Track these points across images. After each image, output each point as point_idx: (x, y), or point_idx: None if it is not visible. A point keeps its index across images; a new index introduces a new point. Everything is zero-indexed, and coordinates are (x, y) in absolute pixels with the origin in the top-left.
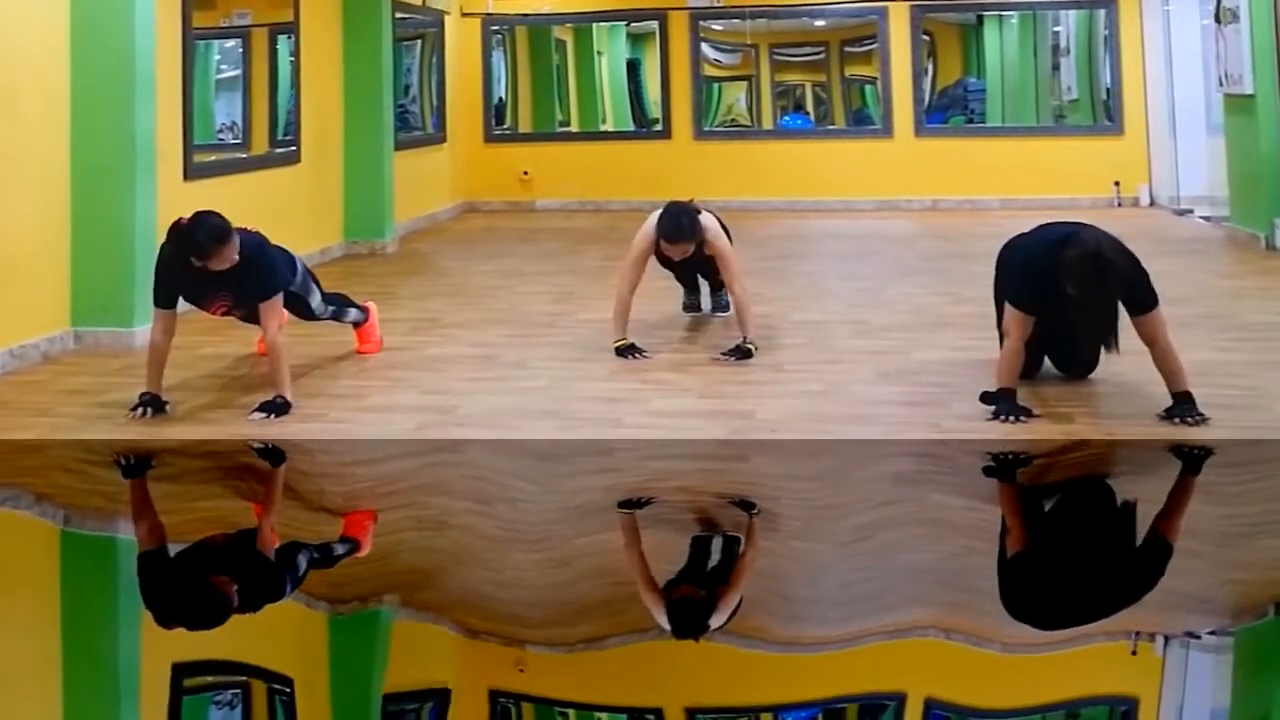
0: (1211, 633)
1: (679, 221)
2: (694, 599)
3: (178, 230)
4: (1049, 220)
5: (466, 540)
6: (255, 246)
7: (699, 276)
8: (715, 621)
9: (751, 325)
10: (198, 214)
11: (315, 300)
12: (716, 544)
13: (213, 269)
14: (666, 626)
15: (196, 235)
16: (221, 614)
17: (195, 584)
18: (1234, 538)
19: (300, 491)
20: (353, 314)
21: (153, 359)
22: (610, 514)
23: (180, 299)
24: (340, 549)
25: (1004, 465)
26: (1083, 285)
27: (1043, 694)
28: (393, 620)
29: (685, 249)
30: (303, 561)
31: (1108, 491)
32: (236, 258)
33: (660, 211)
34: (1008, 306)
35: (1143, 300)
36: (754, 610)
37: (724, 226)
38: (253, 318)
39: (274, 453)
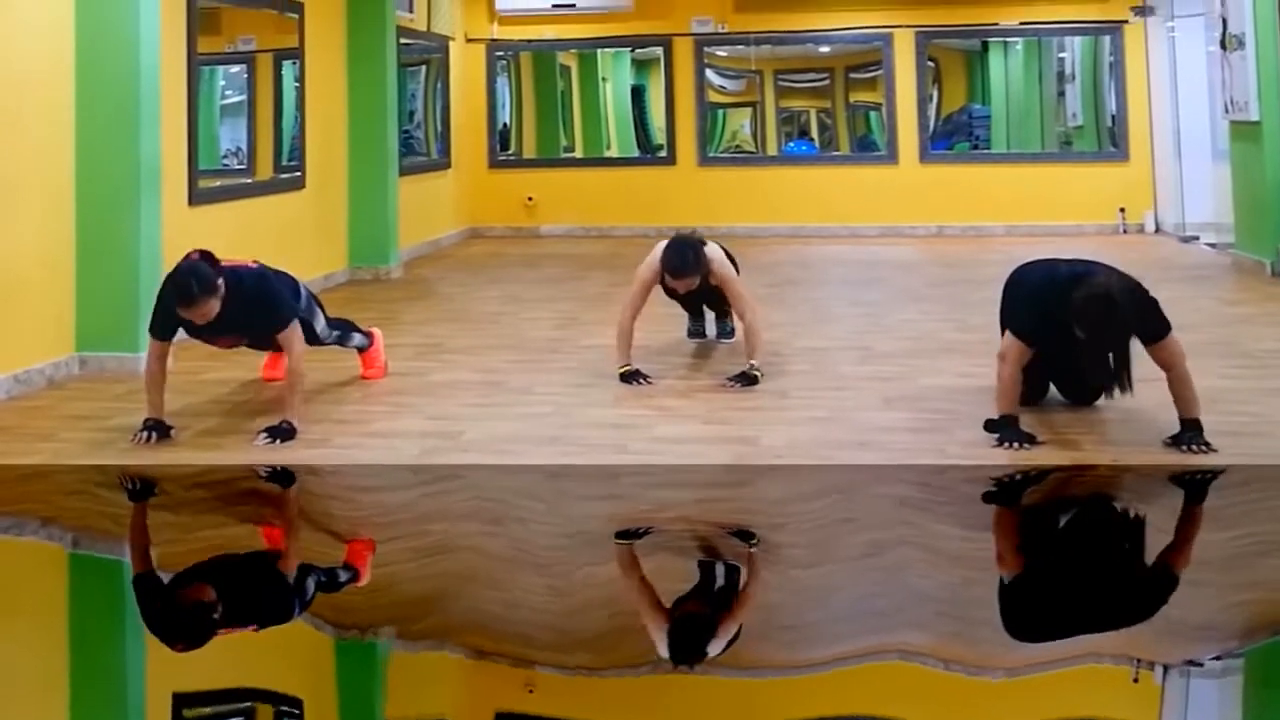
0: (1215, 658)
1: (684, 256)
2: (692, 625)
3: (167, 278)
4: (1055, 252)
5: (472, 565)
6: (256, 282)
7: (705, 306)
8: (714, 649)
9: (761, 351)
10: (187, 263)
11: (320, 325)
12: (719, 571)
13: (194, 321)
14: (665, 655)
15: (181, 285)
16: (211, 633)
17: (195, 607)
18: (1237, 563)
19: (305, 516)
20: (357, 339)
21: (151, 384)
22: (614, 540)
23: (182, 332)
24: (344, 574)
25: (1009, 491)
26: (1092, 328)
27: None
28: (399, 644)
29: (690, 283)
30: (309, 586)
31: (1112, 517)
32: (215, 309)
33: (664, 245)
34: (1009, 334)
35: (1155, 330)
36: (758, 637)
37: (729, 255)
38: (261, 345)
39: (279, 477)
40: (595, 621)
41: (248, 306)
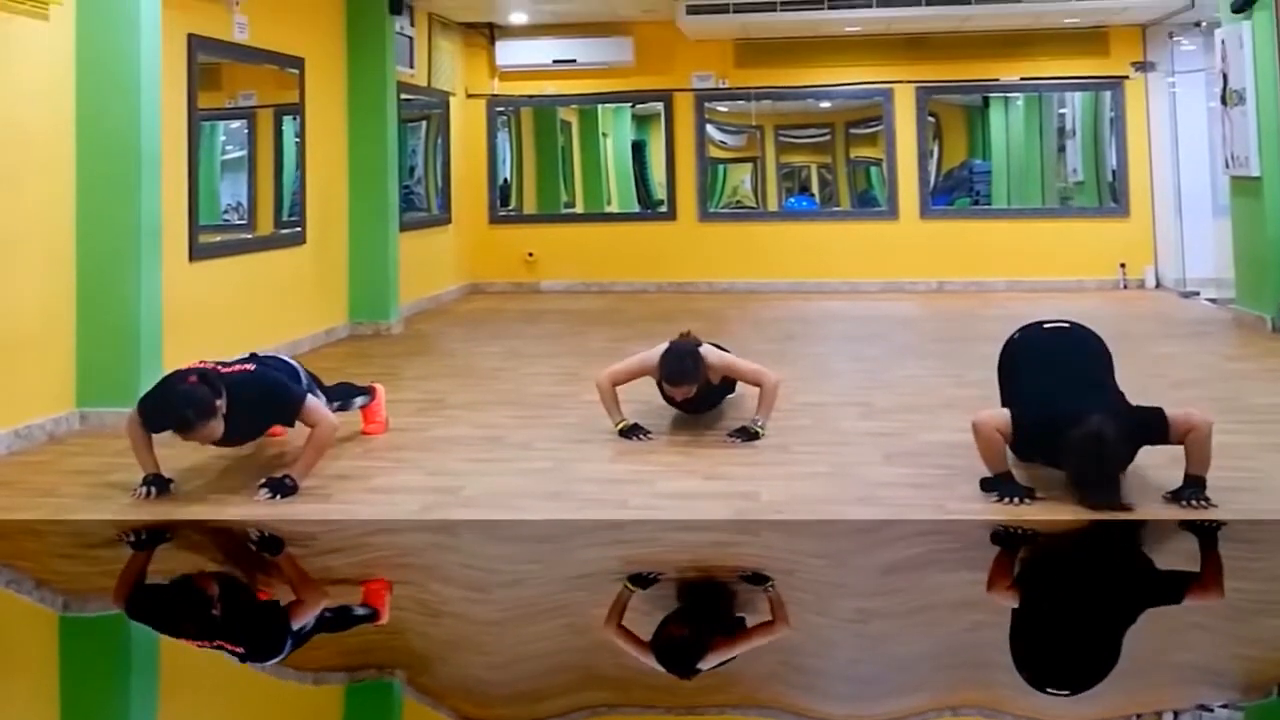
0: (1223, 706)
1: (683, 363)
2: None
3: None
4: (1056, 309)
5: (471, 619)
6: (258, 384)
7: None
8: (705, 663)
9: (771, 411)
10: (184, 389)
11: (321, 401)
12: (717, 616)
13: (198, 443)
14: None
15: (179, 418)
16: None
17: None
18: (1237, 617)
19: (304, 571)
20: (358, 400)
21: (137, 445)
22: (613, 593)
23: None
24: (343, 626)
25: (1009, 545)
26: (1082, 468)
27: None
28: (401, 694)
29: (688, 390)
30: (310, 637)
31: (1112, 570)
32: (219, 430)
33: (663, 353)
34: (995, 410)
35: (1154, 437)
36: (759, 686)
37: (719, 346)
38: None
39: (279, 532)
40: (595, 670)
41: (255, 411)
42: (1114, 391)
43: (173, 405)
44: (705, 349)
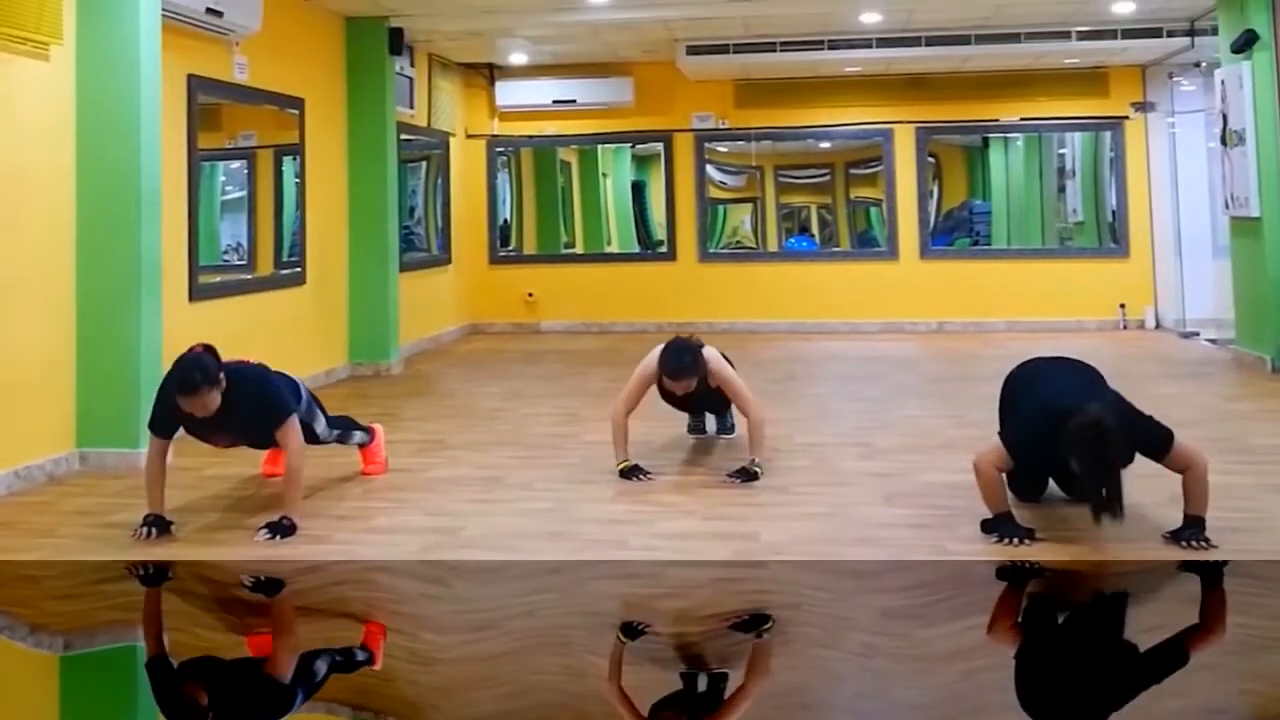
0: None
1: (681, 358)
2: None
3: (170, 371)
4: (1056, 349)
5: (471, 657)
6: (257, 381)
7: (705, 411)
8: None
9: (764, 447)
10: (191, 354)
11: (320, 425)
12: (715, 665)
13: (194, 413)
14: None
15: (184, 374)
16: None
17: (193, 702)
18: (1244, 651)
19: (305, 612)
20: (358, 436)
21: (151, 481)
22: (612, 635)
23: (182, 429)
24: (343, 669)
25: (1010, 587)
26: (1083, 457)
27: None
28: None
29: (688, 385)
30: (311, 681)
31: (1112, 612)
32: (215, 403)
33: (662, 348)
34: (995, 442)
35: (1156, 446)
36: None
37: (727, 360)
38: (260, 444)
39: (279, 574)
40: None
41: (247, 404)
42: (1116, 395)
43: (179, 369)
44: (708, 350)
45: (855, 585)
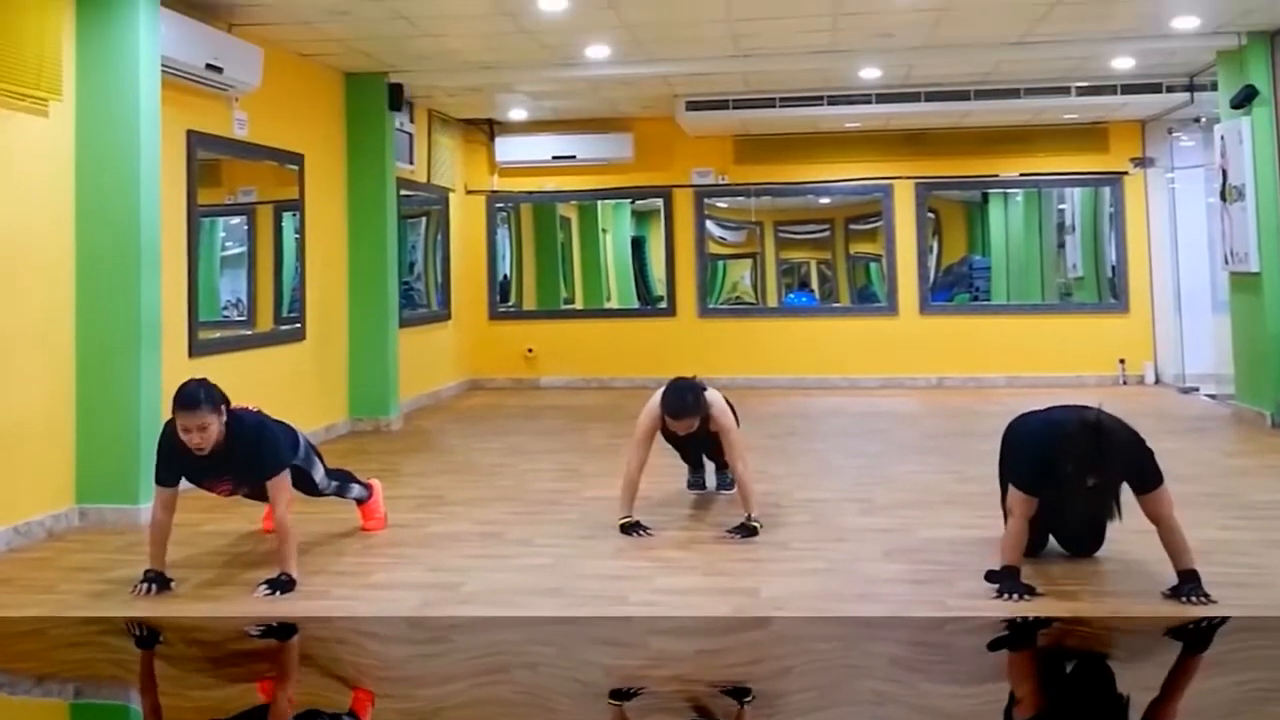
0: None
1: (683, 397)
2: None
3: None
4: (1055, 402)
5: (466, 714)
6: (255, 426)
7: (704, 455)
8: None
9: (755, 503)
10: (192, 380)
11: (319, 475)
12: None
13: (194, 440)
14: None
15: (186, 392)
16: None
17: None
18: (1247, 705)
19: (305, 669)
20: (356, 490)
21: (155, 536)
22: (607, 693)
23: (183, 479)
24: None
25: (1009, 643)
26: (1081, 459)
27: None
28: None
29: (690, 424)
30: None
31: (1112, 668)
32: (212, 432)
33: (665, 387)
34: (1011, 487)
35: (1146, 479)
36: None
37: (730, 405)
38: (258, 495)
39: (279, 630)
40: None
41: (244, 448)
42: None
43: (184, 389)
44: (711, 392)
45: (855, 640)
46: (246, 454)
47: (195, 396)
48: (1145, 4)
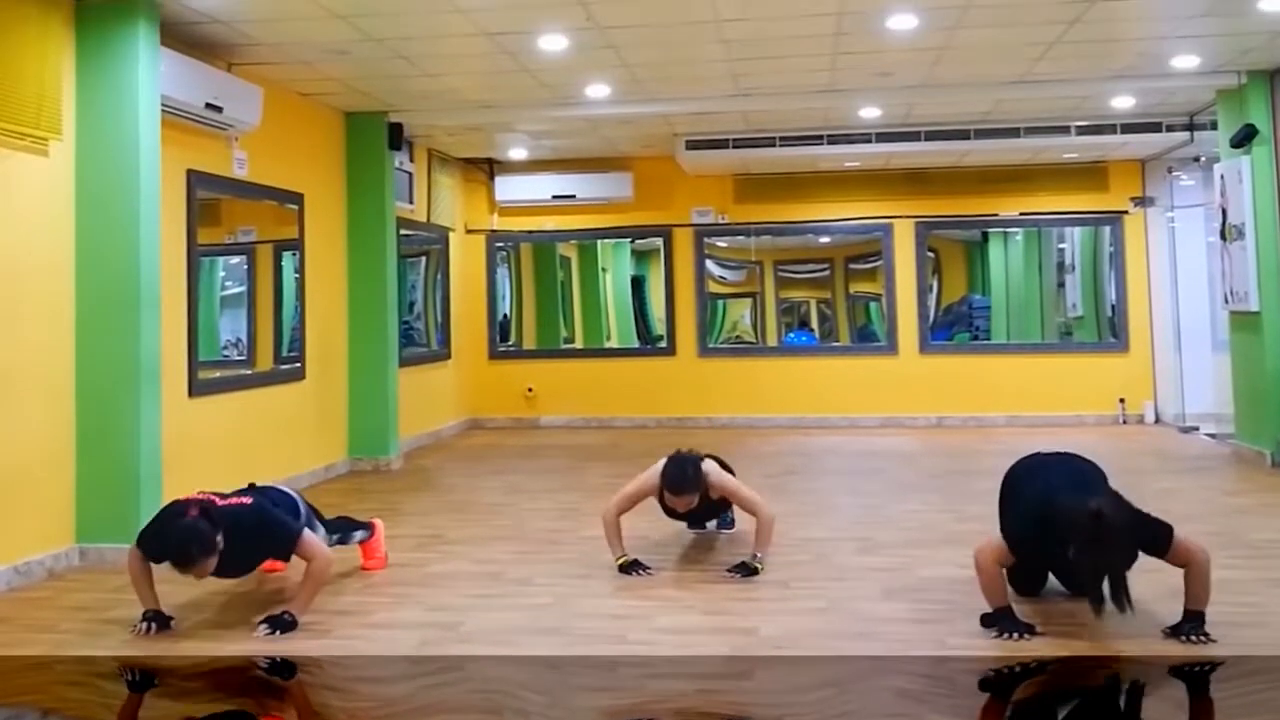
0: None
1: (684, 473)
2: None
3: (163, 530)
4: (1055, 443)
5: None
6: (255, 525)
7: (705, 523)
8: None
9: (769, 545)
10: (186, 524)
11: (320, 535)
12: None
13: (194, 578)
14: None
15: (180, 552)
16: None
17: None
18: None
19: (305, 708)
20: (358, 535)
21: (137, 581)
22: None
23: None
24: None
25: (1008, 682)
26: (1082, 547)
27: None
28: None
29: (690, 500)
30: None
31: (1112, 707)
32: (214, 563)
33: (664, 463)
34: (996, 536)
35: (1156, 544)
36: None
37: (725, 465)
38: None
39: (279, 669)
40: None
41: (252, 545)
42: (1115, 492)
43: (174, 540)
44: (707, 464)
45: (855, 679)
46: (256, 547)
47: (188, 556)
48: (1145, 43)
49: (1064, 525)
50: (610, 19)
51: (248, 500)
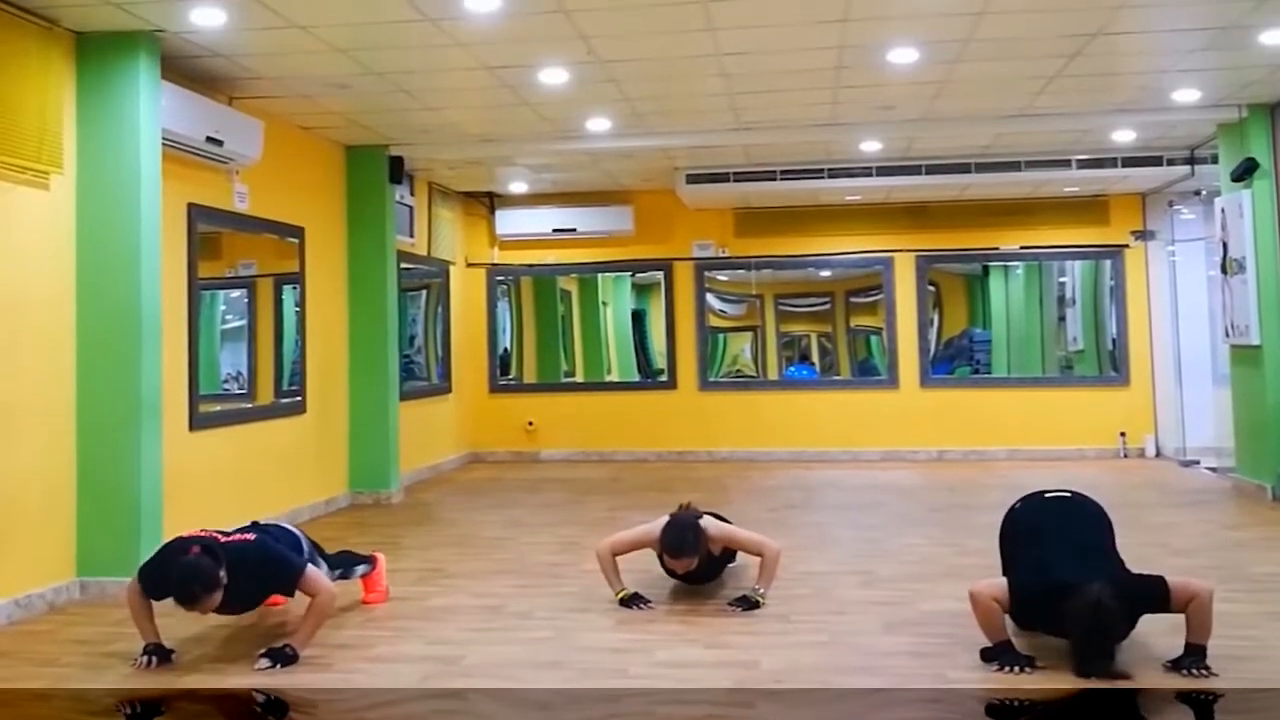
0: None
1: (684, 538)
2: None
3: (164, 568)
4: (1056, 477)
5: None
6: (258, 561)
7: (704, 581)
8: None
9: (774, 577)
10: (189, 562)
11: (323, 570)
12: None
13: (198, 614)
14: None
15: (183, 590)
16: None
17: None
18: None
19: None
20: (360, 569)
21: (137, 615)
22: None
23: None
24: None
25: (1011, 715)
26: (1081, 636)
27: None
28: None
29: (689, 563)
30: None
31: None
32: (218, 599)
33: (665, 525)
34: (1004, 581)
35: (1155, 604)
36: None
37: (722, 517)
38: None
39: (280, 703)
40: None
41: (255, 581)
42: (1114, 559)
43: (176, 577)
44: (706, 521)
45: (857, 713)
46: (260, 584)
47: (191, 594)
48: (1146, 77)
49: (1063, 611)
50: (611, 53)
51: (250, 537)
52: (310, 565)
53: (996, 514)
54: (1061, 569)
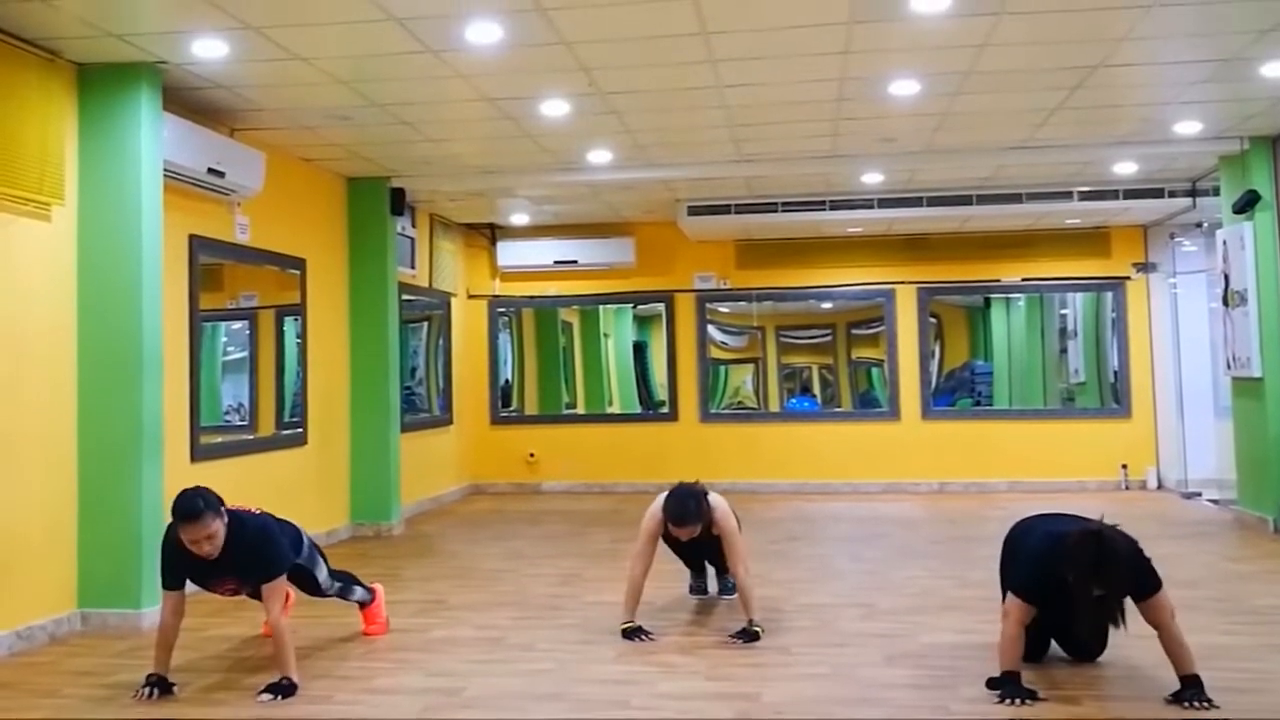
0: None
1: (686, 504)
2: None
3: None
4: (1057, 509)
5: None
6: (258, 528)
7: (705, 561)
8: None
9: (756, 607)
10: (191, 488)
11: (322, 575)
12: None
13: (198, 548)
14: None
15: (186, 502)
16: None
17: None
18: None
19: None
20: (359, 593)
21: (161, 641)
22: None
23: (188, 581)
24: None
25: None
26: (1081, 568)
27: None
28: None
29: (692, 530)
30: None
31: None
32: (220, 536)
33: (667, 493)
34: (1011, 594)
35: (1145, 586)
36: None
37: (732, 510)
38: (261, 595)
39: None
40: None
41: (247, 549)
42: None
43: (184, 495)
44: (714, 497)
45: None
46: (249, 555)
47: (196, 506)
48: (1147, 109)
49: (1066, 551)
50: (612, 85)
51: (255, 509)
52: (284, 577)
53: (997, 546)
54: (1062, 525)
